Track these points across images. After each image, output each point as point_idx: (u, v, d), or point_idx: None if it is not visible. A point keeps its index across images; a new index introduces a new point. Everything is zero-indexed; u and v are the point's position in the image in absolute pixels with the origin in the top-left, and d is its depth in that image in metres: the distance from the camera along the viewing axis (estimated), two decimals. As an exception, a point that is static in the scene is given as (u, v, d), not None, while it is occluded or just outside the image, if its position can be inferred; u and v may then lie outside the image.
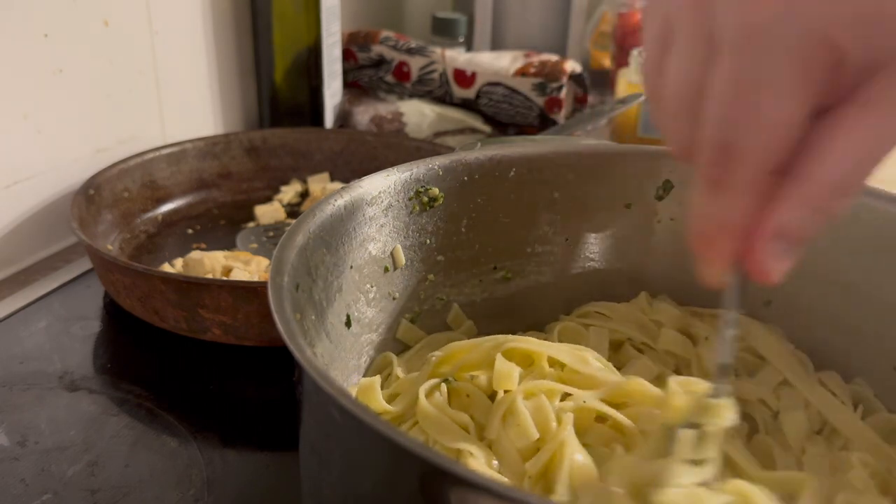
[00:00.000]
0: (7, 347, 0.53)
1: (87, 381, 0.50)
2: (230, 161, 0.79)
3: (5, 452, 0.43)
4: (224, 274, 0.58)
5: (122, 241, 0.67)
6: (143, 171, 0.72)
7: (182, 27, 0.79)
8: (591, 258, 0.48)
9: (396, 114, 0.92)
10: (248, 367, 0.52)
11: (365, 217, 0.40)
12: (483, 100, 0.94)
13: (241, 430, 0.46)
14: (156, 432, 0.45)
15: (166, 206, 0.74)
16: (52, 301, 0.59)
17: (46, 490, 0.41)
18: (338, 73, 0.92)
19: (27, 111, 0.64)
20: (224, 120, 0.88)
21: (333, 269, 0.37)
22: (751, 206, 0.26)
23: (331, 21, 0.88)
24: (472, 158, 0.44)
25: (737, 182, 0.26)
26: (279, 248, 0.33)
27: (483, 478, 0.22)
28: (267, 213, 0.73)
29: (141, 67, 0.75)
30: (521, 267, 0.47)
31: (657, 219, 0.47)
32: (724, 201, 0.27)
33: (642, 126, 0.92)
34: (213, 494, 0.41)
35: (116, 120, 0.73)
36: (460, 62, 0.95)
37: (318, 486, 0.31)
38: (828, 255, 0.42)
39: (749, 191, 0.26)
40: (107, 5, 0.69)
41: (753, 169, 0.26)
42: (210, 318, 0.50)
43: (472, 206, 0.45)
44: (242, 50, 0.89)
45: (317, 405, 0.29)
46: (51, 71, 0.65)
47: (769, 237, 0.26)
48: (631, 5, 1.10)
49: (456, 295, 0.45)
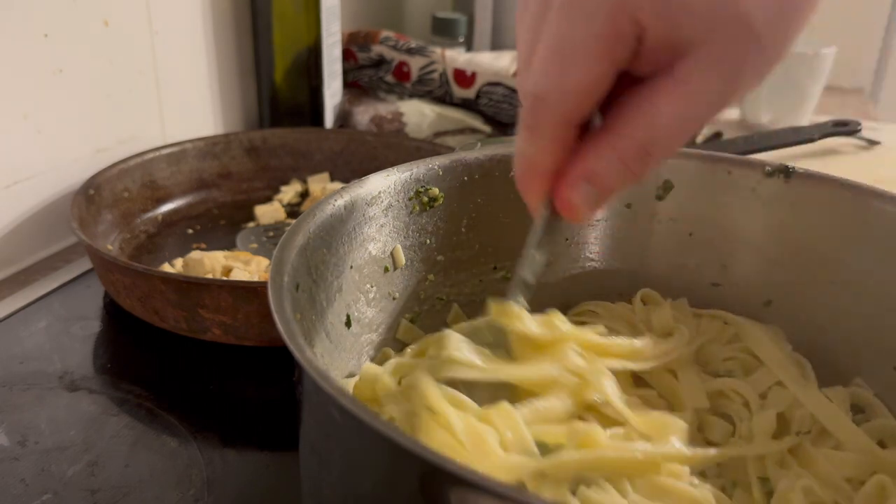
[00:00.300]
0: (7, 347, 0.53)
1: (87, 381, 0.50)
2: (230, 161, 0.79)
3: (5, 452, 0.43)
4: (224, 274, 0.58)
5: (122, 241, 0.67)
6: (143, 171, 0.72)
7: (182, 27, 0.79)
8: (591, 258, 0.48)
9: (396, 114, 0.92)
10: (248, 367, 0.52)
11: (365, 217, 0.40)
12: (483, 100, 0.94)
13: (241, 430, 0.46)
14: (156, 432, 0.45)
15: (166, 206, 0.74)
16: (52, 301, 0.59)
17: (46, 490, 0.41)
18: (338, 73, 0.92)
19: (27, 111, 0.64)
20: (224, 120, 0.88)
21: (333, 269, 0.37)
22: (555, 151, 0.30)
23: (331, 21, 0.88)
24: (472, 158, 0.44)
25: (543, 128, 0.30)
26: (279, 248, 0.33)
27: (483, 478, 0.22)
28: (267, 213, 0.73)
29: (141, 67, 0.75)
30: (521, 267, 0.47)
31: (657, 219, 0.47)
32: (534, 144, 0.31)
33: (642, 126, 0.92)
34: (213, 494, 0.41)
35: (116, 120, 0.73)
36: (460, 62, 0.95)
37: (318, 486, 0.31)
38: (828, 255, 0.42)
39: (553, 137, 0.30)
40: (107, 5, 0.69)
41: (556, 118, 0.29)
42: (210, 318, 0.50)
43: (472, 206, 0.45)
44: (242, 50, 0.89)
45: (317, 405, 0.29)
46: (51, 71, 0.65)
47: (577, 178, 0.30)
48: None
49: (456, 295, 0.45)
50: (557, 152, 0.30)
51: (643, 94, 0.28)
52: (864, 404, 0.40)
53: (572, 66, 0.28)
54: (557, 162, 0.31)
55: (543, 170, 0.31)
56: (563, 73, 0.28)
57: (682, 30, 0.27)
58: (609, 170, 0.29)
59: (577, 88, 0.28)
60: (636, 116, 0.28)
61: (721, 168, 0.45)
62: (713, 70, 0.27)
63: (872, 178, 0.43)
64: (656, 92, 0.28)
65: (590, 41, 0.27)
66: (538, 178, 0.31)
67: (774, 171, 0.44)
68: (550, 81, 0.29)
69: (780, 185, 0.44)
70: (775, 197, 0.44)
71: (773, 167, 0.44)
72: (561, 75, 0.28)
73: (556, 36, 0.28)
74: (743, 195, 0.45)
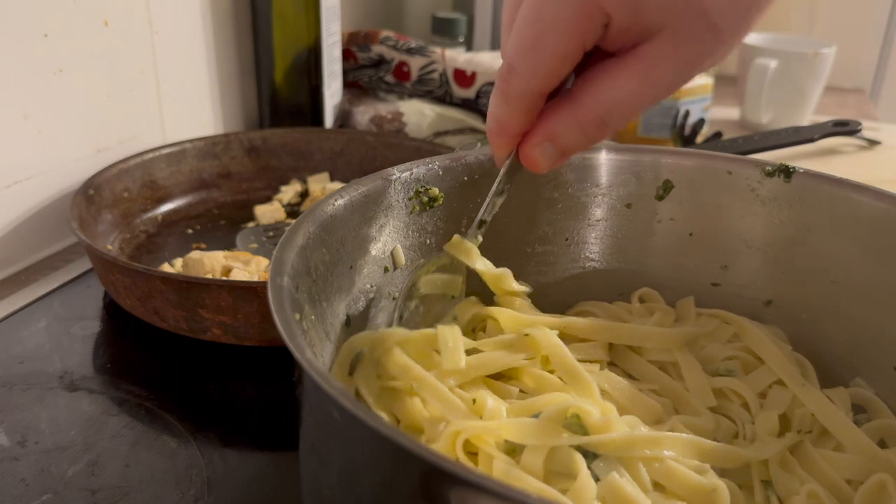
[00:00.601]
0: (7, 347, 0.53)
1: (87, 381, 0.50)
2: (230, 161, 0.79)
3: (5, 452, 0.43)
4: (224, 274, 0.58)
5: (122, 241, 0.67)
6: (143, 171, 0.72)
7: (182, 27, 0.79)
8: (591, 258, 0.48)
9: (396, 114, 0.92)
10: (248, 367, 0.52)
11: (365, 217, 0.40)
12: (483, 100, 0.94)
13: (241, 430, 0.46)
14: (156, 432, 0.45)
15: (166, 206, 0.74)
16: (52, 301, 0.59)
17: (46, 490, 0.41)
18: (338, 73, 0.92)
19: (27, 111, 0.64)
20: (224, 120, 0.88)
21: (333, 269, 0.37)
22: (523, 115, 0.34)
23: (331, 21, 0.88)
24: (472, 158, 0.44)
25: (513, 95, 0.33)
26: (279, 248, 0.33)
27: (483, 477, 0.22)
28: (267, 213, 0.73)
29: (141, 67, 0.75)
30: (521, 267, 0.47)
31: (657, 219, 0.47)
32: (503, 107, 0.34)
33: (642, 126, 0.92)
34: (213, 494, 0.41)
35: (116, 120, 0.73)
36: (460, 62, 0.95)
37: (318, 486, 0.31)
38: (828, 255, 0.42)
39: (521, 103, 0.33)
40: (107, 5, 0.69)
41: (525, 87, 0.32)
42: (210, 318, 0.50)
43: (472, 206, 0.45)
44: (242, 50, 0.89)
45: (317, 405, 0.29)
46: (51, 71, 0.65)
47: (541, 138, 0.34)
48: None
49: (456, 295, 0.45)
50: (524, 116, 0.34)
51: (607, 70, 0.31)
52: (864, 404, 0.40)
53: (543, 41, 0.31)
54: (524, 125, 0.34)
55: (512, 131, 0.35)
56: (535, 48, 0.31)
57: (643, 17, 0.29)
58: (569, 133, 0.33)
59: (546, 62, 0.31)
60: (598, 89, 0.31)
61: (721, 168, 0.45)
62: (670, 54, 0.30)
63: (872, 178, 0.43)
64: (618, 69, 0.31)
65: (560, 22, 0.30)
66: (506, 136, 0.35)
67: (774, 171, 0.44)
68: (522, 54, 0.31)
69: (780, 185, 0.44)
70: (775, 197, 0.44)
71: (773, 167, 0.44)
72: (532, 49, 0.31)
73: (531, 13, 0.31)
74: (743, 195, 0.45)
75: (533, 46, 0.31)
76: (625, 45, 0.31)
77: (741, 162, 0.45)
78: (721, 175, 0.45)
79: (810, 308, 0.43)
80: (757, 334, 0.42)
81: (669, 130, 0.90)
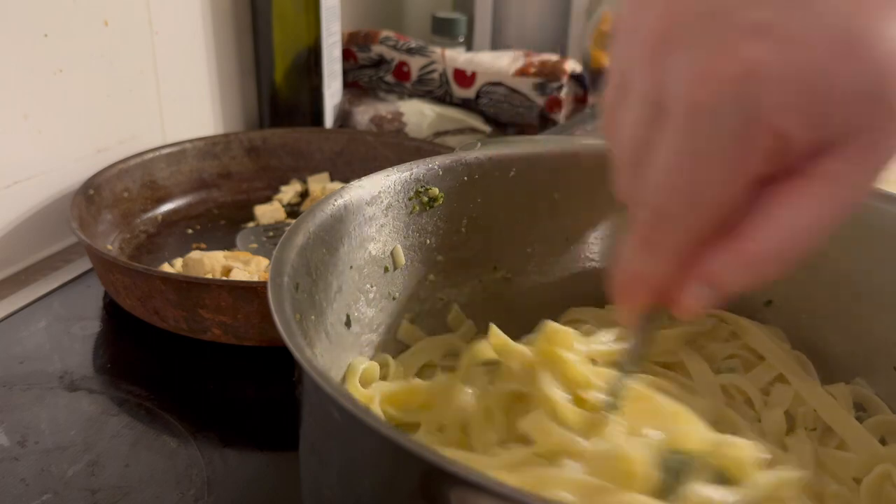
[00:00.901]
0: (7, 347, 0.53)
1: (87, 381, 0.50)
2: (230, 161, 0.79)
3: (5, 452, 0.43)
4: (224, 274, 0.57)
5: (122, 241, 0.67)
6: (143, 171, 0.72)
7: (182, 27, 0.79)
8: (591, 258, 0.48)
9: (396, 114, 0.92)
10: (248, 367, 0.52)
11: (365, 217, 0.40)
12: (483, 100, 0.94)
13: (241, 430, 0.46)
14: (156, 432, 0.45)
15: (166, 206, 0.74)
16: (52, 301, 0.59)
17: (46, 490, 0.41)
18: (338, 73, 0.92)
19: (27, 111, 0.64)
20: (224, 120, 0.88)
21: (333, 269, 0.37)
22: (673, 269, 0.28)
23: (331, 21, 0.88)
24: (472, 158, 0.44)
25: (666, 246, 0.27)
26: (279, 248, 0.33)
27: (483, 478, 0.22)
28: (267, 213, 0.73)
29: (141, 67, 0.75)
30: (521, 267, 0.47)
31: (657, 219, 0.47)
32: (651, 261, 0.28)
33: (642, 126, 0.92)
34: (213, 494, 0.41)
35: (116, 120, 0.73)
36: (460, 62, 0.95)
37: (318, 486, 0.31)
38: (828, 255, 0.42)
39: (675, 257, 0.27)
40: (107, 5, 0.69)
41: (683, 238, 0.27)
42: (210, 318, 0.50)
43: (472, 206, 0.45)
44: (242, 50, 0.89)
45: (317, 405, 0.29)
46: (51, 71, 0.65)
47: (698, 282, 0.27)
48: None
49: (456, 295, 0.45)
50: (676, 266, 0.28)
51: (780, 197, 0.26)
52: (864, 402, 0.40)
53: (704, 183, 0.26)
54: (673, 274, 0.28)
55: (657, 284, 0.29)
56: (694, 192, 0.26)
57: (829, 129, 0.25)
58: (734, 275, 0.27)
59: (711, 209, 0.26)
60: (772, 221, 0.26)
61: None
62: (861, 165, 0.25)
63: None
64: (797, 194, 0.26)
65: (726, 157, 0.25)
66: (648, 291, 0.29)
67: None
68: (678, 199, 0.26)
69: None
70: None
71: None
72: (691, 194, 0.26)
73: (682, 150, 0.26)
74: (743, 195, 0.45)
75: (691, 190, 0.26)
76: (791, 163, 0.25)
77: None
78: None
79: (810, 308, 0.43)
80: (756, 332, 0.42)
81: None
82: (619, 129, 0.29)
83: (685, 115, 0.25)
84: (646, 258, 0.28)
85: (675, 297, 0.28)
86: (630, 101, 0.28)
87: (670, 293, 0.28)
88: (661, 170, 0.26)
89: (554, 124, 0.93)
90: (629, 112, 0.28)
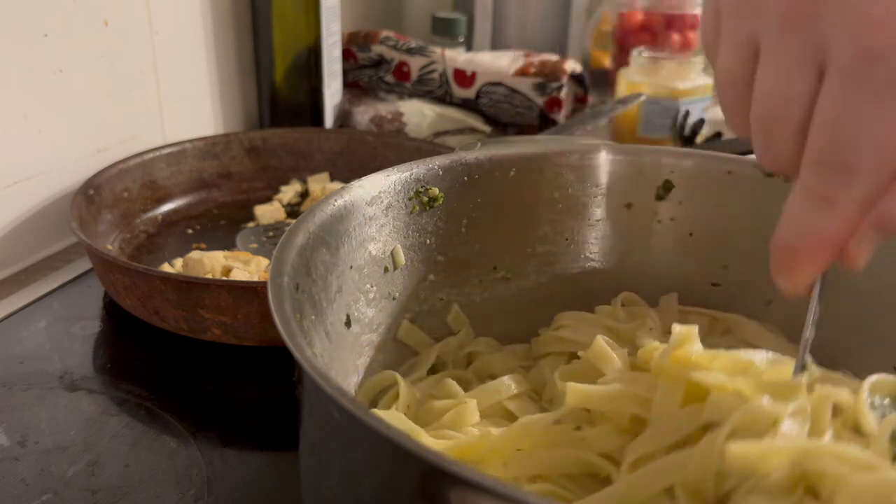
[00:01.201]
0: (7, 347, 0.53)
1: (87, 381, 0.50)
2: (230, 161, 0.79)
3: (5, 452, 0.43)
4: (224, 274, 0.58)
5: (122, 241, 0.67)
6: (143, 171, 0.72)
7: (182, 27, 0.79)
8: (591, 258, 0.48)
9: (396, 114, 0.92)
10: (248, 367, 0.52)
11: (365, 217, 0.40)
12: (483, 100, 0.94)
13: (241, 430, 0.46)
14: (156, 432, 0.45)
15: (166, 206, 0.74)
16: (52, 301, 0.59)
17: (46, 490, 0.41)
18: (338, 73, 0.92)
19: (27, 111, 0.64)
20: (224, 120, 0.88)
21: (333, 269, 0.37)
22: (858, 220, 0.27)
23: (331, 21, 0.88)
24: (472, 158, 0.44)
25: (849, 199, 0.26)
26: (279, 248, 0.33)
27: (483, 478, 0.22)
28: (267, 213, 0.73)
29: (141, 67, 0.75)
30: (521, 267, 0.47)
31: (657, 219, 0.47)
32: (831, 218, 0.27)
33: (642, 126, 0.92)
34: (213, 494, 0.41)
35: (116, 120, 0.73)
36: (460, 62, 0.95)
37: (318, 486, 0.31)
38: (828, 255, 0.42)
39: (860, 207, 0.27)
40: (107, 5, 0.69)
41: (868, 187, 0.26)
42: (210, 318, 0.50)
43: (472, 206, 0.45)
44: (242, 50, 0.89)
45: (317, 405, 0.29)
46: (51, 71, 0.65)
47: (869, 230, 0.27)
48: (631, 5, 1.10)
49: (456, 295, 0.45)
50: (858, 221, 0.27)
51: None
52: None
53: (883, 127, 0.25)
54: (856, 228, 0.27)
55: (836, 241, 0.28)
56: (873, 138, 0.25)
57: None
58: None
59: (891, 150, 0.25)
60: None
61: (721, 168, 0.45)
62: None
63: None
64: None
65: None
66: (827, 250, 0.28)
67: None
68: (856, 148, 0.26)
69: (780, 185, 0.44)
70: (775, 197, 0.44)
71: (774, 167, 0.44)
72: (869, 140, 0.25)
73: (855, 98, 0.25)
74: (743, 195, 0.45)
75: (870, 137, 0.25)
76: None
77: (741, 162, 0.45)
78: (721, 175, 0.45)
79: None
80: (752, 326, 0.43)
81: (669, 130, 0.90)
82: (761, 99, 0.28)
83: (853, 63, 0.25)
84: (828, 215, 0.27)
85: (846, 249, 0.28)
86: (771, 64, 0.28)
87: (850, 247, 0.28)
88: (832, 124, 0.26)
89: (554, 124, 0.93)
90: (771, 75, 0.28)
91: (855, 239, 0.27)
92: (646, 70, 0.92)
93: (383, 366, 0.42)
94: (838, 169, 0.26)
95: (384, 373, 0.41)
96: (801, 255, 0.28)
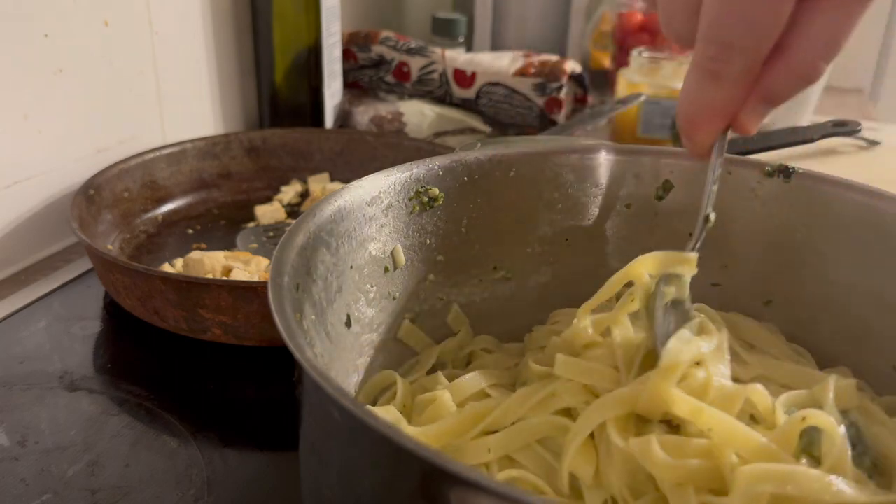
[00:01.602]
0: (7, 347, 0.53)
1: (87, 381, 0.50)
2: (230, 161, 0.79)
3: (5, 452, 0.43)
4: (224, 274, 0.58)
5: (122, 241, 0.67)
6: (143, 171, 0.72)
7: (182, 27, 0.79)
8: (592, 258, 0.48)
9: (396, 114, 0.92)
10: (248, 367, 0.52)
11: (365, 217, 0.40)
12: (483, 100, 0.94)
13: (241, 430, 0.46)
14: (156, 432, 0.45)
15: (166, 206, 0.74)
16: (52, 301, 0.59)
17: (46, 490, 0.41)
18: (338, 73, 0.92)
19: (27, 111, 0.64)
20: (224, 120, 0.88)
21: (333, 269, 0.37)
22: (743, 90, 0.31)
23: (331, 21, 0.88)
24: (472, 158, 0.44)
25: (733, 73, 0.31)
26: (279, 248, 0.33)
27: (483, 478, 0.22)
28: (267, 213, 0.73)
29: (141, 67, 0.75)
30: (521, 267, 0.47)
31: (657, 219, 0.47)
32: (718, 90, 0.31)
33: (642, 126, 0.92)
34: (213, 494, 0.41)
35: (116, 120, 0.73)
36: (460, 62, 0.95)
37: (318, 486, 0.31)
38: (828, 255, 0.42)
39: (744, 80, 0.31)
40: (107, 5, 0.69)
41: (749, 61, 0.30)
42: (210, 318, 0.50)
43: (472, 206, 0.45)
44: (242, 50, 0.89)
45: (317, 405, 0.29)
46: (51, 71, 0.65)
47: (758, 103, 0.32)
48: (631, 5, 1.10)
49: (456, 295, 0.45)
50: (744, 91, 0.31)
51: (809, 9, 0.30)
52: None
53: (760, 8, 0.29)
54: (742, 100, 0.32)
55: (728, 111, 0.32)
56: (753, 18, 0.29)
57: None
58: (786, 86, 0.31)
59: (768, 29, 0.29)
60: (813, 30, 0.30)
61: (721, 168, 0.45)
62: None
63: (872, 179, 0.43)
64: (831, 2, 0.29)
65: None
66: (719, 120, 0.33)
67: (774, 171, 0.44)
68: (740, 27, 0.29)
69: (780, 185, 0.44)
70: (775, 197, 0.44)
71: (773, 167, 0.44)
72: (750, 20, 0.29)
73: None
74: (743, 195, 0.45)
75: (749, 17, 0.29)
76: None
77: (741, 162, 0.45)
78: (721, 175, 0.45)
79: (810, 308, 0.43)
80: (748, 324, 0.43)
81: (669, 130, 0.90)
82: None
83: None
84: (715, 87, 0.31)
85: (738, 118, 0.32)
86: None
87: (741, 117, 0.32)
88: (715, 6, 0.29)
89: (554, 124, 0.93)
90: None
91: (746, 109, 0.32)
92: (645, 70, 0.92)
93: (384, 366, 0.42)
94: (720, 46, 0.30)
95: (384, 373, 0.41)
96: (696, 123, 0.33)
